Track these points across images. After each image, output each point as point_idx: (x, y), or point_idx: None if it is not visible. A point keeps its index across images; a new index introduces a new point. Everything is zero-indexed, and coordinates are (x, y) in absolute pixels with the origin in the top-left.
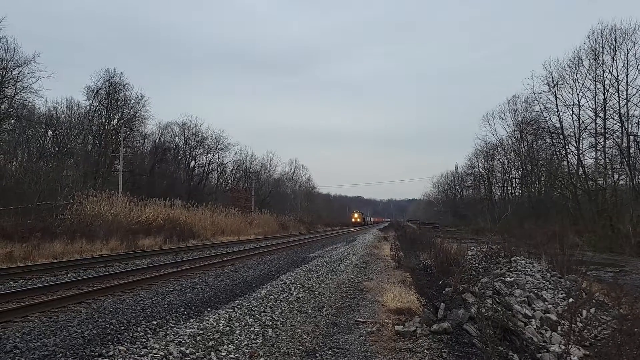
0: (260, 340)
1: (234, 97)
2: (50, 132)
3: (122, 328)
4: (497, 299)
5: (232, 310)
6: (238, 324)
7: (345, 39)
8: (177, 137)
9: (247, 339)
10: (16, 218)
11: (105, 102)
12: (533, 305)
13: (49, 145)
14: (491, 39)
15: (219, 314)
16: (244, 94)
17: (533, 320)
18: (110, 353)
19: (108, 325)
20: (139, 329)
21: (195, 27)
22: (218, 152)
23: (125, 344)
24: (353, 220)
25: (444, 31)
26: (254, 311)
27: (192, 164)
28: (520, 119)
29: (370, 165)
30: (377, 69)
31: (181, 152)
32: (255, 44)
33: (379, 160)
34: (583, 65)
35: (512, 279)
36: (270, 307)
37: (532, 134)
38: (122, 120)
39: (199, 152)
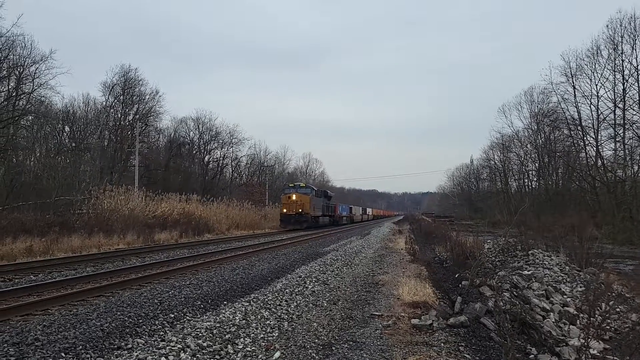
0: (277, 334)
1: (247, 92)
2: (67, 128)
3: (140, 321)
4: (514, 293)
5: (248, 304)
6: (254, 317)
7: (357, 33)
8: (191, 132)
9: (263, 332)
10: (35, 213)
11: (121, 97)
12: (551, 299)
13: (66, 140)
14: (507, 31)
15: (235, 307)
16: (258, 89)
17: (551, 313)
18: (129, 346)
19: (126, 318)
20: (157, 322)
21: (209, 24)
22: (232, 147)
23: (144, 336)
24: (284, 210)
25: (458, 24)
26: (270, 304)
27: (206, 158)
28: (537, 110)
29: (384, 158)
30: (391, 63)
31: (196, 146)
32: (268, 39)
33: (394, 154)
34: (602, 55)
35: (529, 272)
36: (286, 301)
37: (550, 126)
38: (138, 116)
39: (214, 146)
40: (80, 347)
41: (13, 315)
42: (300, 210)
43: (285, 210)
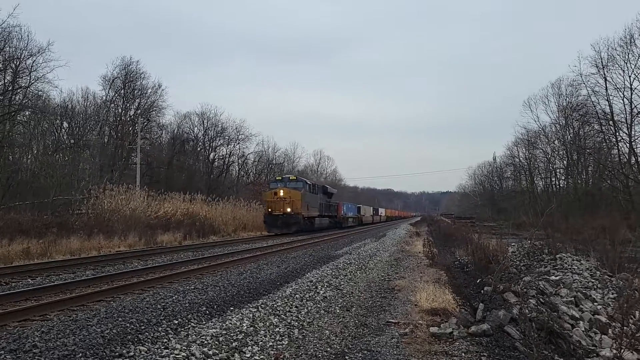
0: (286, 342)
1: (254, 86)
2: (65, 124)
3: (143, 327)
4: (541, 299)
5: (255, 310)
6: (262, 324)
7: (369, 26)
8: (196, 128)
9: (272, 340)
10: (32, 213)
11: (122, 91)
12: (581, 306)
13: (65, 137)
14: (532, 19)
15: (242, 313)
16: (266, 83)
17: (581, 322)
18: (131, 353)
19: (128, 325)
20: (160, 329)
21: (212, 14)
22: (239, 143)
23: (146, 344)
24: (269, 209)
25: (477, 15)
26: (279, 311)
27: (212, 155)
28: (565, 103)
29: (400, 156)
30: (406, 56)
31: (200, 143)
32: (275, 31)
33: (411, 151)
34: (635, 44)
35: (557, 278)
36: (296, 307)
37: (579, 120)
38: (139, 111)
39: (219, 143)
40: (80, 354)
41: (10, 321)
42: (288, 209)
43: (270, 210)
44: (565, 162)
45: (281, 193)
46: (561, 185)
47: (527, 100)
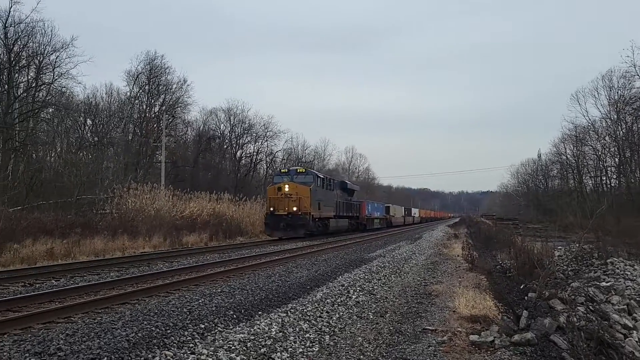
0: (317, 348)
1: (283, 80)
2: (89, 121)
3: (169, 331)
4: (590, 307)
5: (285, 315)
6: (292, 329)
7: (405, 14)
8: (222, 125)
9: (303, 346)
10: (56, 213)
11: (146, 87)
12: (634, 315)
13: (88, 135)
14: (581, 7)
15: (271, 318)
16: (295, 76)
17: (634, 332)
18: (157, 358)
19: (153, 328)
20: (186, 333)
21: (239, 5)
22: (267, 140)
23: (172, 348)
24: (271, 208)
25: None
26: (309, 316)
27: (238, 153)
28: (617, 97)
29: (437, 154)
30: (443, 46)
31: (227, 140)
32: (306, 20)
33: (448, 148)
34: None
35: (608, 284)
36: (327, 312)
37: (632, 115)
38: (164, 107)
39: (246, 140)
40: (105, 358)
41: (35, 323)
42: (294, 208)
43: (272, 209)
44: (617, 159)
45: (286, 188)
46: (612, 184)
47: (575, 94)
